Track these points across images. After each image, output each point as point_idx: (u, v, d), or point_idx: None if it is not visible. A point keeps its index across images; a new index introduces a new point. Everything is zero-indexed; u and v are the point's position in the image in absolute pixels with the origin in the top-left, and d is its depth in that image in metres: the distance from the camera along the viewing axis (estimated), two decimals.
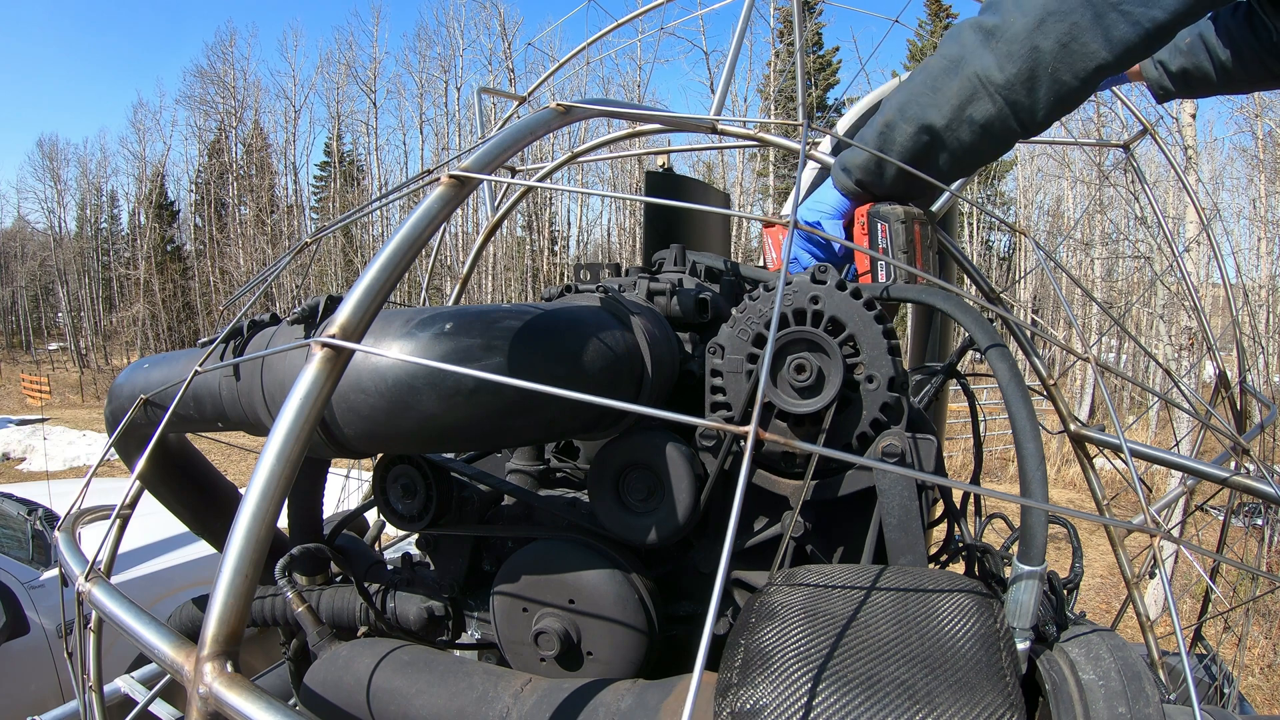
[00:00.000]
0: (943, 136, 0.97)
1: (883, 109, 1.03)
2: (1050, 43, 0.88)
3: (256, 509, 0.49)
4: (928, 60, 1.00)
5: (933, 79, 0.97)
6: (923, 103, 0.97)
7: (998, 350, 0.80)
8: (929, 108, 0.96)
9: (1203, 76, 1.40)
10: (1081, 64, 0.89)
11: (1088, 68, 0.89)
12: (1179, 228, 7.90)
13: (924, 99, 0.97)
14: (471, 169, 0.62)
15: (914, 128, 0.97)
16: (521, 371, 0.73)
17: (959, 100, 0.94)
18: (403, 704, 0.85)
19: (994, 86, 0.92)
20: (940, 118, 0.96)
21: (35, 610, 3.46)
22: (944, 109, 0.95)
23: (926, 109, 0.96)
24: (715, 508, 0.94)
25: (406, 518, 1.06)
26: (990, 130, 0.95)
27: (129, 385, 1.11)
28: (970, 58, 0.93)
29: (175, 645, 0.53)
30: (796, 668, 0.52)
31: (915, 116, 0.97)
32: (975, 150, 0.98)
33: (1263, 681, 6.20)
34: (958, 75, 0.94)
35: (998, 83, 0.91)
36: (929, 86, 0.97)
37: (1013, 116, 0.93)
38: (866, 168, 1.02)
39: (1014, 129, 0.95)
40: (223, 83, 34.61)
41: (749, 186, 26.06)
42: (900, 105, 0.99)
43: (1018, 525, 0.72)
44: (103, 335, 36.21)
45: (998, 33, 0.91)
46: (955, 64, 0.95)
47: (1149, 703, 0.54)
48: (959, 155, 0.99)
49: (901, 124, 0.98)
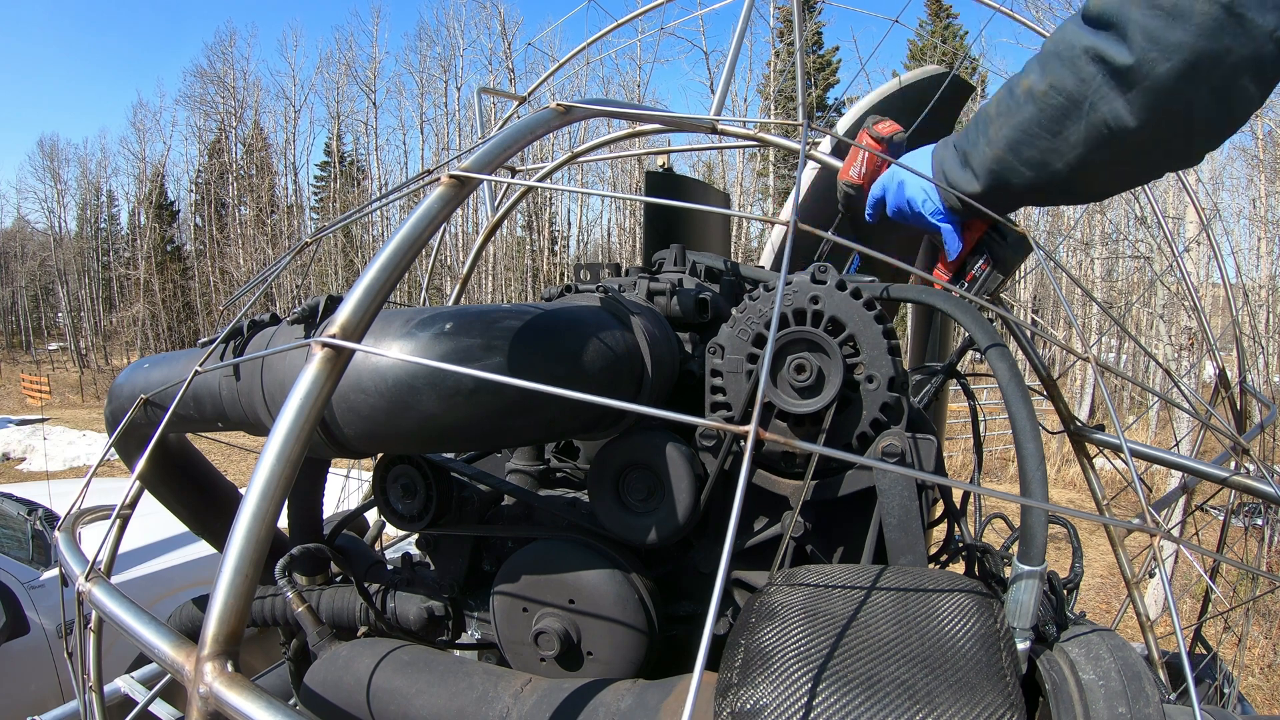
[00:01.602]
0: (1067, 180, 0.87)
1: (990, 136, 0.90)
2: (1204, 92, 0.74)
3: (256, 509, 0.49)
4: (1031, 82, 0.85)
5: (1051, 120, 0.84)
6: (1041, 147, 0.85)
7: (997, 350, 0.80)
8: (1050, 153, 0.85)
9: None
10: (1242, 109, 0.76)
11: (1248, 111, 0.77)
12: (1179, 228, 7.90)
13: (1042, 143, 0.85)
14: (471, 169, 0.62)
15: (1034, 172, 0.87)
16: (521, 371, 0.73)
17: (1087, 151, 0.83)
18: (403, 704, 0.85)
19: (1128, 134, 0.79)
20: (1065, 166, 0.85)
21: (35, 610, 3.45)
22: (1068, 157, 0.84)
23: (1047, 155, 0.85)
24: (715, 508, 0.94)
25: (406, 518, 1.06)
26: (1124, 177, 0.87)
27: (129, 385, 1.11)
28: (1097, 100, 0.79)
29: (175, 645, 0.53)
30: (796, 668, 0.52)
31: (1034, 160, 0.87)
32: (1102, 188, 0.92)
33: (1263, 681, 6.20)
34: (1082, 120, 0.81)
35: (1132, 129, 0.78)
36: (1047, 129, 0.84)
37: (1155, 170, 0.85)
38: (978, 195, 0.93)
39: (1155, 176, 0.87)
40: (223, 83, 34.61)
41: (749, 186, 26.05)
42: (1012, 144, 0.87)
43: (1018, 525, 0.72)
44: (103, 335, 36.20)
45: (1132, 76, 0.76)
46: (1076, 105, 0.81)
47: (1149, 703, 0.54)
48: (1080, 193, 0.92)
49: (1019, 166, 0.88)
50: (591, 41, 2.45)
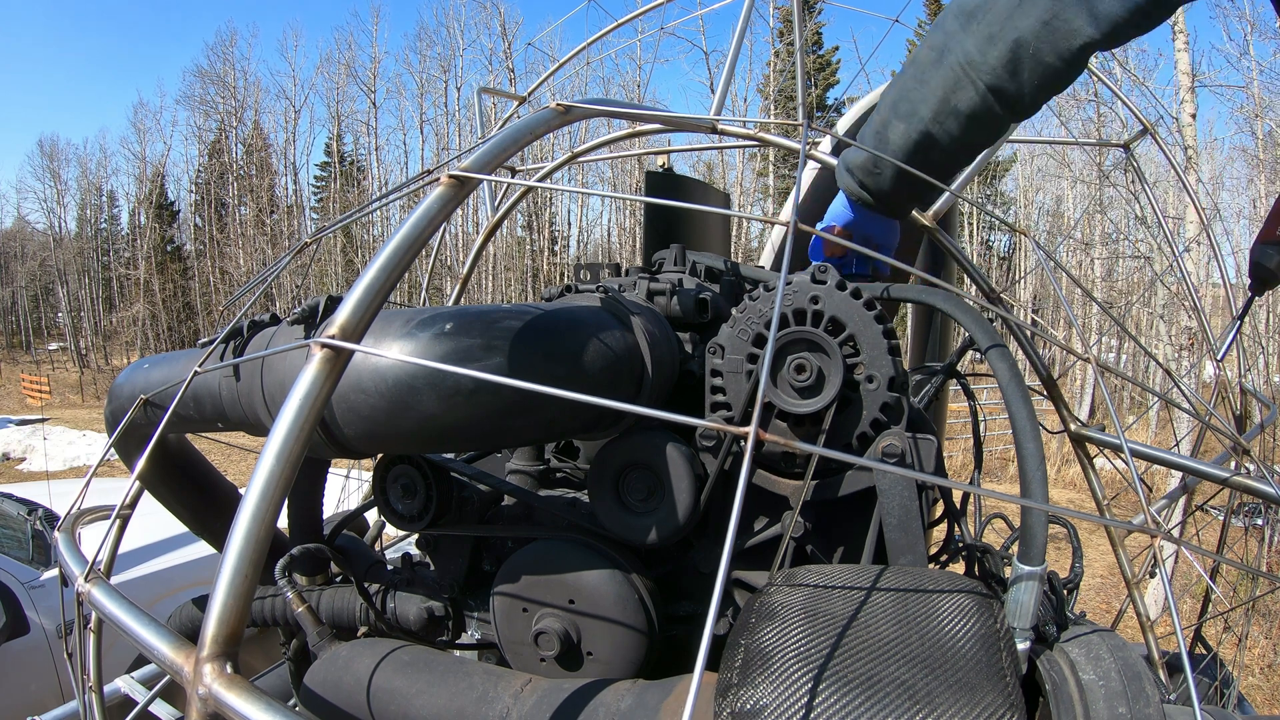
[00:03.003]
0: (933, 131, 0.93)
1: (879, 106, 0.99)
2: (1031, 21, 0.83)
3: (256, 509, 0.49)
4: (917, 51, 0.96)
5: (920, 71, 0.93)
6: (913, 98, 0.93)
7: (998, 350, 0.80)
8: (919, 103, 0.92)
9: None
10: (1065, 43, 0.83)
11: (1072, 46, 0.83)
12: (1179, 227, 7.89)
13: (914, 94, 0.93)
14: (471, 169, 0.62)
15: (906, 124, 0.94)
16: (522, 371, 0.73)
17: (944, 91, 0.90)
18: (402, 704, 0.85)
19: (976, 73, 0.87)
20: (929, 111, 0.92)
21: (35, 610, 3.46)
22: (931, 102, 0.91)
23: (917, 104, 0.92)
24: (715, 508, 0.94)
25: (406, 518, 1.06)
26: (977, 119, 0.91)
27: (129, 385, 1.11)
28: (953, 45, 0.89)
29: (175, 646, 0.53)
30: (796, 668, 0.52)
31: (907, 113, 0.94)
32: (966, 142, 0.94)
33: (1263, 681, 6.20)
34: (942, 65, 0.90)
35: (980, 68, 0.87)
36: (917, 79, 0.93)
37: (997, 103, 0.89)
38: (865, 168, 0.99)
39: (999, 115, 0.90)
40: (223, 83, 34.62)
41: (749, 186, 26.05)
42: (893, 102, 0.96)
43: (1017, 525, 0.72)
44: (103, 335, 36.21)
45: (978, 14, 0.86)
46: (940, 54, 0.91)
47: (1149, 703, 0.54)
48: (952, 150, 0.95)
49: (895, 121, 0.95)
50: (591, 41, 2.45)
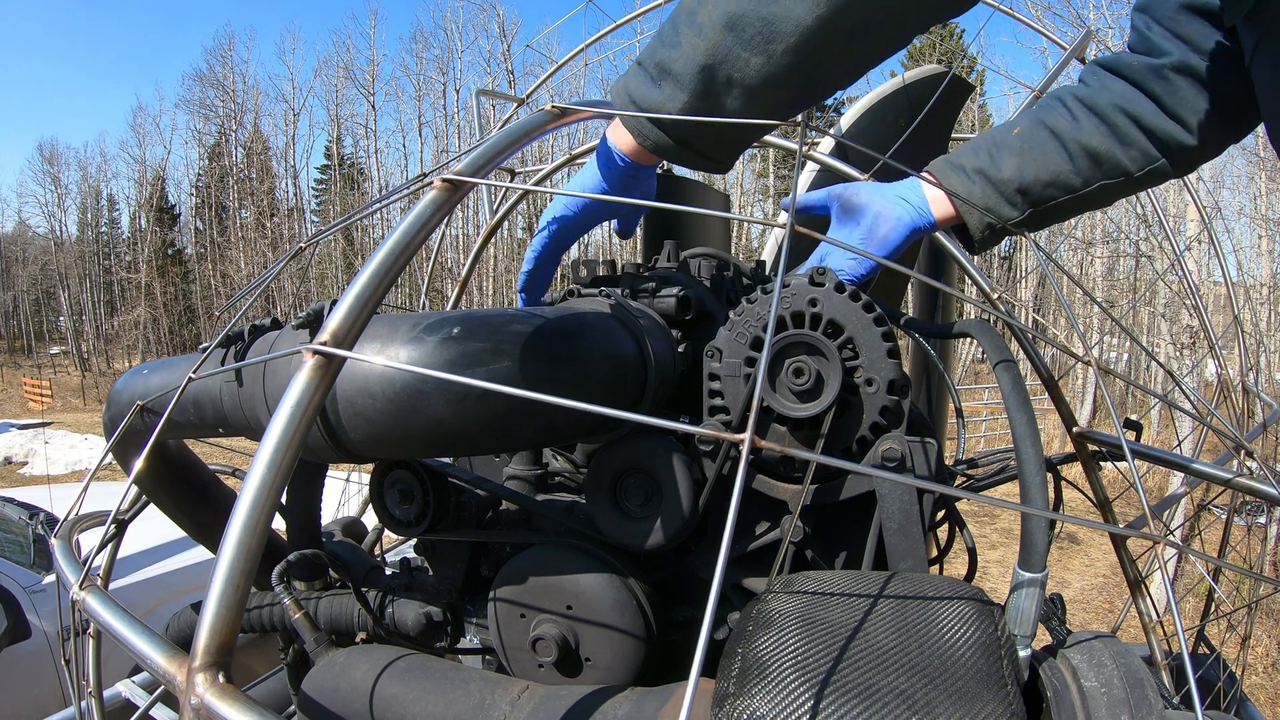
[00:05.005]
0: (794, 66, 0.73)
1: (692, 25, 0.75)
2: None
3: (248, 518, 0.49)
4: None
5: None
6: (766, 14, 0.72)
7: (1005, 364, 0.79)
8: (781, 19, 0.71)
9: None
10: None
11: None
12: (1180, 226, 7.89)
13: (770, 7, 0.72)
14: (465, 172, 0.62)
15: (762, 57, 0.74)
16: (528, 375, 0.73)
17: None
18: (400, 710, 0.84)
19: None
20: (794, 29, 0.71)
21: (37, 615, 3.46)
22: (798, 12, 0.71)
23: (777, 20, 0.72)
24: (714, 512, 0.93)
25: (404, 523, 1.06)
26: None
27: (128, 391, 1.11)
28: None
29: (168, 655, 0.53)
30: (794, 677, 0.52)
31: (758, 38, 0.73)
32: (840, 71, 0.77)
33: (1266, 681, 6.19)
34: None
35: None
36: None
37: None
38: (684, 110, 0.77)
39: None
40: (222, 86, 34.69)
41: (749, 187, 26.04)
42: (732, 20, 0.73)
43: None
44: (104, 339, 36.25)
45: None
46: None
47: (1151, 710, 0.53)
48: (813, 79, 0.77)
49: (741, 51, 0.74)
50: (590, 43, 2.44)
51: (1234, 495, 1.48)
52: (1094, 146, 1.06)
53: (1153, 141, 1.04)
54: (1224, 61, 0.98)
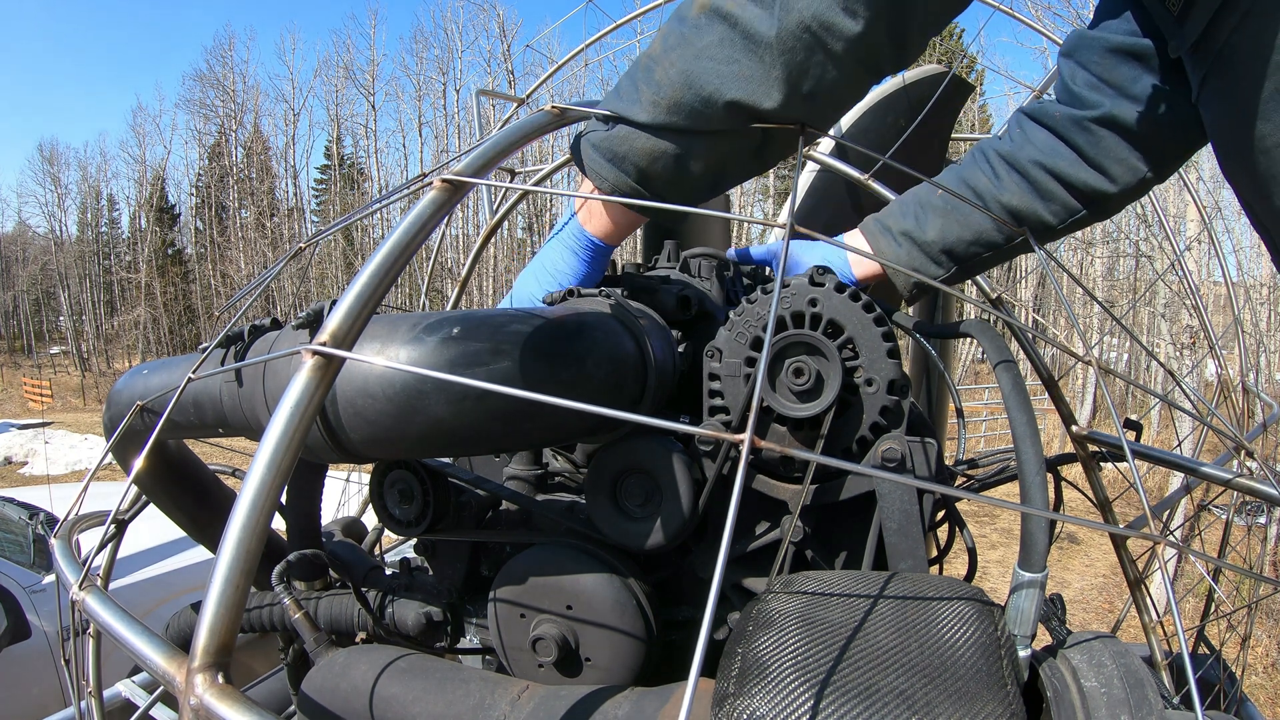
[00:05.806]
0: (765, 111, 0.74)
1: (649, 83, 0.75)
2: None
3: (247, 518, 0.49)
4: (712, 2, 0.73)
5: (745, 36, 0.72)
6: (727, 73, 0.73)
7: (1005, 364, 0.79)
8: (750, 80, 0.73)
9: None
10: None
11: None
12: (1180, 226, 7.89)
13: (734, 66, 0.73)
14: (464, 172, 0.62)
15: (720, 109, 0.75)
16: (528, 376, 0.73)
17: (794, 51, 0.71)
18: (399, 710, 0.84)
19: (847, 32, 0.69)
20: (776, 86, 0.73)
21: (37, 615, 3.46)
22: (774, 69, 0.72)
23: (747, 79, 0.73)
24: (715, 512, 0.93)
25: (404, 523, 1.06)
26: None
27: (127, 391, 1.11)
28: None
29: (167, 656, 0.53)
30: (793, 677, 0.52)
31: (709, 93, 0.75)
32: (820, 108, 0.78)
33: (1266, 681, 6.19)
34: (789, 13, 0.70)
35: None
36: (744, 45, 0.72)
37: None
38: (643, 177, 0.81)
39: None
40: (222, 86, 34.71)
41: (749, 187, 26.05)
42: (689, 77, 0.74)
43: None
44: (104, 339, 36.27)
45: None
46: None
47: (1151, 710, 0.53)
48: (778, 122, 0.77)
49: (697, 106, 0.75)
50: (590, 43, 2.45)
51: (1234, 495, 1.48)
52: (1015, 205, 1.10)
53: (1073, 194, 1.07)
54: (1153, 104, 0.98)
